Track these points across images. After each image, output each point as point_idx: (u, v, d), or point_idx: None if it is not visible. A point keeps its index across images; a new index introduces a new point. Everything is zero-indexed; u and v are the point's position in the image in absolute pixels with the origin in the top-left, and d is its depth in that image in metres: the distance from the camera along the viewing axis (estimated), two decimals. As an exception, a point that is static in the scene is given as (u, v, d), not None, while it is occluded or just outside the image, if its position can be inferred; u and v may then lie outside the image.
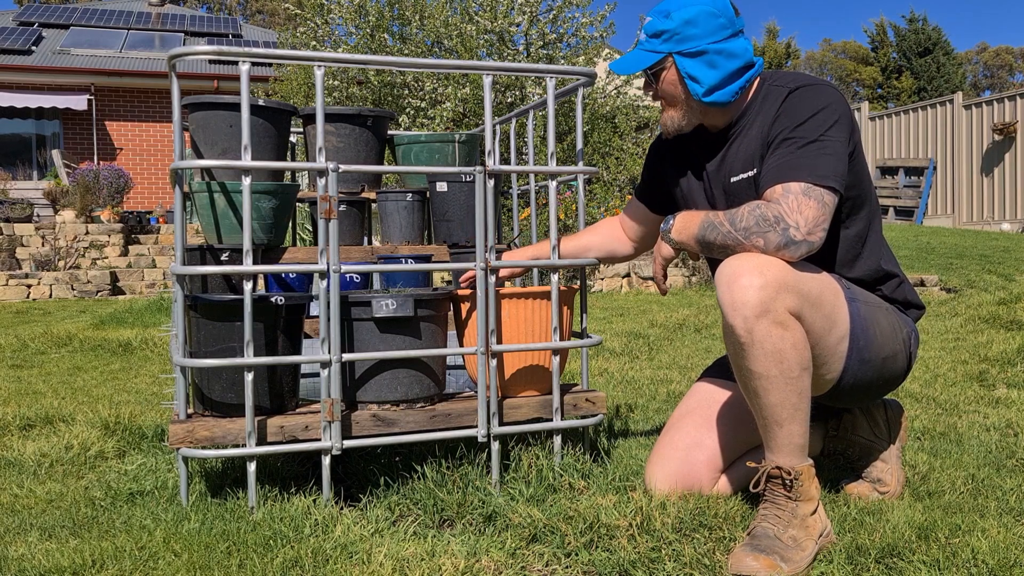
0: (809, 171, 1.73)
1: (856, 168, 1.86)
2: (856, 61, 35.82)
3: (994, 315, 5.25)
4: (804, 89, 1.84)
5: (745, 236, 1.72)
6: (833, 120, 1.78)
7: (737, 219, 1.74)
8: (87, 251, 10.98)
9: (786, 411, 1.69)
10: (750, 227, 1.72)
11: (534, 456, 2.13)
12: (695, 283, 8.45)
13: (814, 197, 1.71)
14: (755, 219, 1.72)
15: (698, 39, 1.85)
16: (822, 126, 1.77)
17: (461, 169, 2.12)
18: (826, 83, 1.87)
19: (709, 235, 1.79)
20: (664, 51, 1.87)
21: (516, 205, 2.78)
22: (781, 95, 1.86)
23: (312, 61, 1.97)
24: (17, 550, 1.72)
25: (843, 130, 1.79)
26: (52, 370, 4.51)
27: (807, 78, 1.89)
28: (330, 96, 11.07)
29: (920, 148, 15.40)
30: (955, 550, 1.63)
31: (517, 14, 10.93)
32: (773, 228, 1.70)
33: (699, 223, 1.82)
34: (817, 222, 1.71)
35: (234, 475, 2.17)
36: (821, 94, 1.82)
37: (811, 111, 1.80)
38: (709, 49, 1.85)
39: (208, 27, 18.77)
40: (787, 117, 1.82)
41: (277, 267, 1.95)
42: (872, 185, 1.97)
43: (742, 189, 1.91)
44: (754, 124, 1.90)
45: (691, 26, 1.85)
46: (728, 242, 1.75)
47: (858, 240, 1.92)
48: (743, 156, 1.91)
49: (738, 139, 1.93)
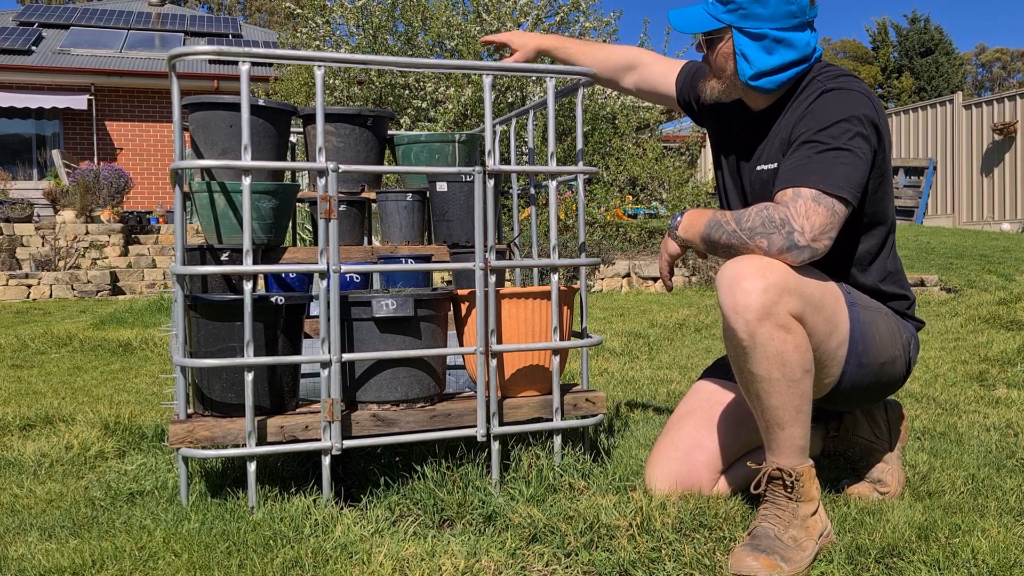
0: (823, 177, 1.70)
1: (879, 185, 1.84)
2: (856, 60, 35.80)
3: (994, 315, 5.25)
4: (837, 92, 1.80)
5: (750, 236, 1.71)
6: (857, 130, 1.74)
7: (744, 219, 1.73)
8: (87, 251, 10.98)
9: (788, 413, 1.68)
10: (755, 228, 1.71)
11: (534, 456, 2.13)
12: (695, 283, 8.45)
13: (824, 204, 1.69)
14: (761, 220, 1.70)
15: (763, 20, 1.81)
16: (845, 134, 1.74)
17: (461, 169, 2.12)
18: (861, 89, 1.82)
19: (715, 234, 1.78)
20: (726, 21, 1.83)
21: (516, 205, 2.77)
22: (815, 93, 1.82)
23: (312, 61, 1.96)
24: (17, 550, 1.72)
25: (867, 142, 1.75)
26: (52, 370, 4.51)
27: (844, 80, 1.83)
28: (331, 96, 11.07)
29: (920, 148, 15.40)
30: (955, 550, 1.63)
31: (521, 16, 10.94)
32: (778, 231, 1.68)
33: (706, 222, 1.80)
34: (824, 229, 1.68)
35: (234, 475, 2.17)
36: (851, 101, 1.78)
37: (837, 117, 1.76)
38: (770, 35, 1.81)
39: (208, 27, 18.77)
40: (812, 119, 1.79)
41: (277, 267, 1.95)
42: (893, 205, 1.95)
43: (763, 180, 1.89)
44: (787, 117, 1.87)
45: (760, 4, 1.80)
46: (733, 241, 1.74)
47: (867, 255, 1.90)
48: (770, 147, 1.89)
49: (772, 126, 1.91)
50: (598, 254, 8.58)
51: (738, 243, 1.73)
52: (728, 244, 1.75)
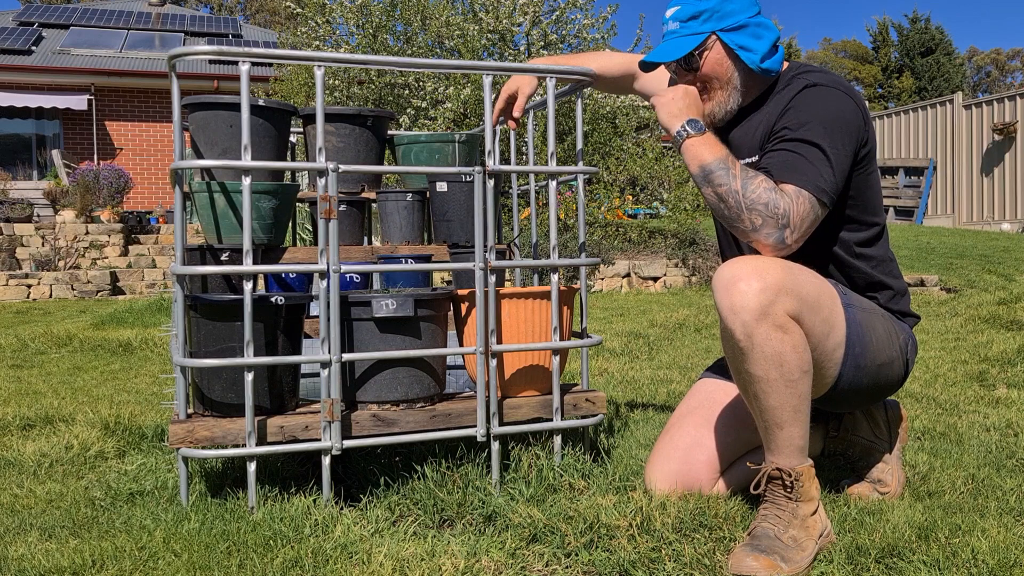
0: (820, 182, 1.73)
1: (862, 178, 1.85)
2: (856, 60, 35.80)
3: (994, 315, 5.25)
4: (821, 88, 1.82)
5: (748, 207, 1.72)
6: (841, 128, 1.77)
7: (750, 187, 1.72)
8: (87, 251, 10.99)
9: (786, 414, 1.68)
10: (757, 203, 1.71)
11: (534, 456, 2.13)
12: (695, 283, 8.45)
13: (815, 209, 1.74)
14: (765, 201, 1.71)
15: (737, 14, 1.87)
16: (829, 132, 1.76)
17: (461, 169, 2.12)
18: (845, 87, 1.84)
19: (717, 175, 1.75)
20: (707, 31, 1.87)
21: (516, 205, 2.77)
22: (798, 87, 1.85)
23: (312, 61, 1.96)
24: (17, 550, 1.72)
25: (851, 141, 1.78)
26: (52, 370, 4.51)
27: (829, 78, 1.86)
28: (331, 96, 11.07)
29: (920, 148, 15.40)
30: (955, 550, 1.63)
31: (519, 14, 10.94)
32: (775, 220, 1.71)
33: (715, 158, 1.76)
34: (806, 233, 1.75)
35: (234, 475, 2.17)
36: (833, 98, 1.80)
37: (823, 115, 1.78)
38: (749, 23, 1.87)
39: (208, 27, 18.77)
40: (797, 113, 1.80)
41: (277, 267, 1.95)
42: (881, 200, 1.95)
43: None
44: (766, 110, 1.89)
45: (728, 3, 1.86)
46: (728, 198, 1.74)
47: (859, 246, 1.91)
48: (750, 140, 1.91)
49: (751, 119, 1.92)
50: (598, 254, 8.58)
51: (733, 203, 1.73)
52: (721, 195, 1.75)
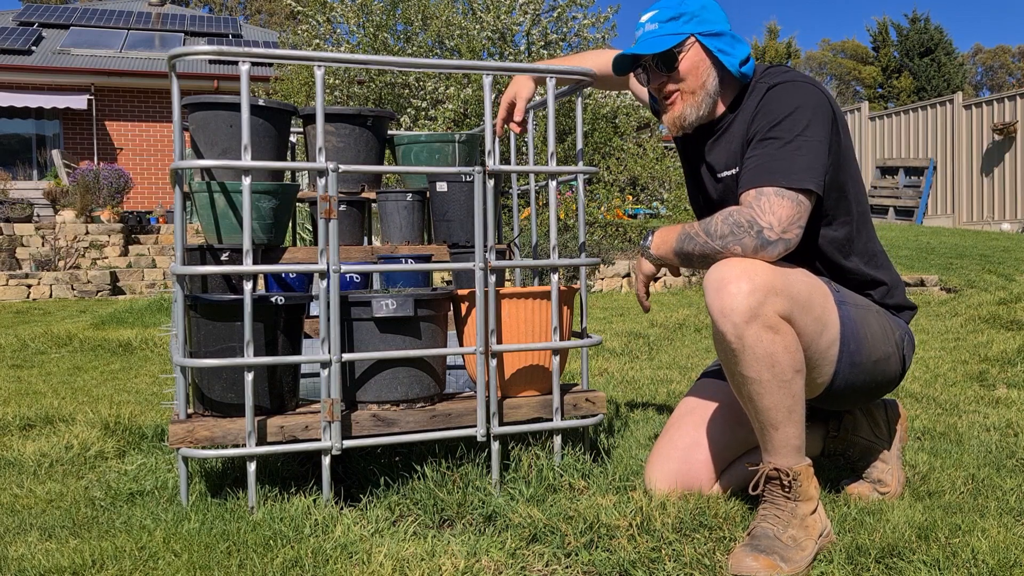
0: (784, 174, 1.74)
1: (840, 164, 1.85)
2: (856, 60, 35.80)
3: (994, 315, 5.25)
4: (781, 87, 1.84)
5: (723, 245, 1.74)
6: (808, 118, 1.78)
7: (712, 228, 1.76)
8: (87, 251, 10.98)
9: (781, 414, 1.69)
10: (726, 234, 1.73)
11: (534, 456, 2.13)
12: (695, 283, 8.44)
13: (788, 197, 1.73)
14: (729, 226, 1.73)
15: (714, 23, 1.89)
16: (798, 125, 1.78)
17: (461, 169, 2.12)
18: (804, 79, 1.87)
19: (687, 247, 1.81)
20: (687, 32, 1.88)
21: (516, 205, 2.77)
22: (761, 92, 1.87)
23: (312, 61, 1.96)
24: (17, 550, 1.72)
25: (821, 127, 1.79)
26: (52, 370, 4.51)
27: (785, 74, 1.88)
28: (331, 96, 11.07)
29: (920, 148, 15.40)
30: (955, 550, 1.63)
31: (519, 14, 10.93)
32: (747, 232, 1.72)
33: (676, 237, 1.83)
34: (792, 220, 1.72)
35: (234, 475, 2.17)
36: (798, 91, 1.82)
37: (788, 110, 1.80)
38: (725, 32, 1.89)
39: (208, 27, 18.77)
40: (764, 116, 1.83)
41: (277, 267, 1.95)
42: (862, 187, 1.95)
43: (727, 187, 1.92)
44: (739, 120, 1.91)
45: (707, 11, 1.89)
46: (707, 252, 1.77)
47: (842, 240, 1.91)
48: (728, 153, 1.92)
49: (726, 133, 1.94)
50: (598, 254, 8.58)
51: (712, 252, 1.76)
52: (702, 254, 1.78)
